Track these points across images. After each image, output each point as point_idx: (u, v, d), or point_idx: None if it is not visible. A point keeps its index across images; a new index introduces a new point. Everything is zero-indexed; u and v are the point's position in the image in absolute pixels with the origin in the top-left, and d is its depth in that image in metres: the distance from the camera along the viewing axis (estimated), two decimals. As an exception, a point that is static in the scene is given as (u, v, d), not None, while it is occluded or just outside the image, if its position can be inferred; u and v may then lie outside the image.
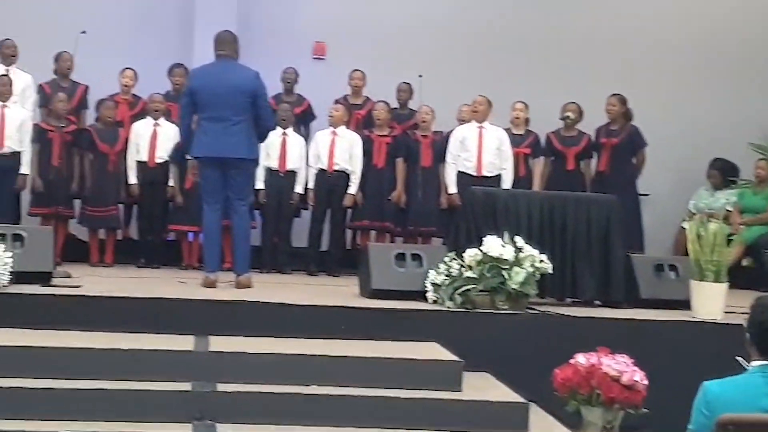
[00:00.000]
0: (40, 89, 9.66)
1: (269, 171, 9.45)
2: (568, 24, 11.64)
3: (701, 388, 3.45)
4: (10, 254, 6.50)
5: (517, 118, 9.92)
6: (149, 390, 5.22)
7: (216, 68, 7.57)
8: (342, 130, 9.64)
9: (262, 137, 7.79)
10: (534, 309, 6.83)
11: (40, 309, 6.16)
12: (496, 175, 9.35)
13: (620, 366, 5.26)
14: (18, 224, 8.39)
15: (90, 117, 9.86)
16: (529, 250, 6.76)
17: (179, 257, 9.54)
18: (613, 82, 10.48)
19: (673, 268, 7.58)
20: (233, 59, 7.62)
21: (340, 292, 7.57)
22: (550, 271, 6.85)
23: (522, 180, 9.65)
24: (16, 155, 8.93)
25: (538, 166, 10.01)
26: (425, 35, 11.34)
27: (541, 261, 6.77)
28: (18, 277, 6.54)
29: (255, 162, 7.92)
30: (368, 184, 9.70)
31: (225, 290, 7.28)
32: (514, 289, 6.59)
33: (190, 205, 9.02)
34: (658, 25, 11.72)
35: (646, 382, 5.32)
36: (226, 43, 7.59)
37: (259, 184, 9.36)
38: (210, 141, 7.39)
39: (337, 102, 9.96)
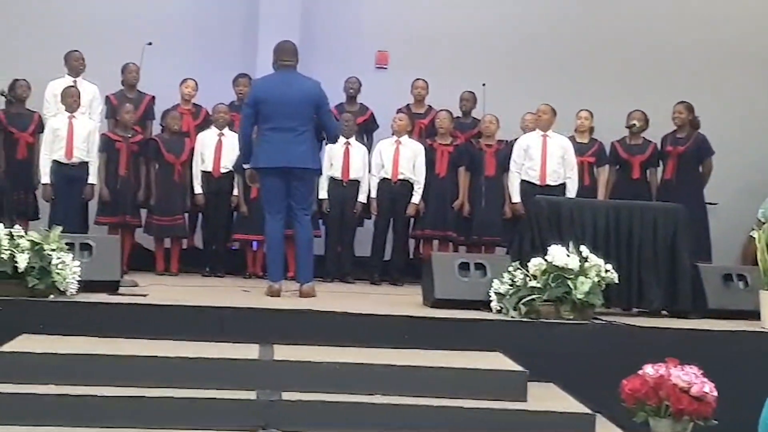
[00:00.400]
0: (107, 100, 9.79)
1: (332, 180, 9.49)
2: (633, 31, 11.55)
3: (766, 404, 3.41)
4: (78, 263, 6.57)
5: (582, 126, 9.85)
6: (215, 398, 5.25)
7: (280, 79, 7.58)
8: (405, 139, 9.65)
9: (331, 141, 7.95)
10: (600, 319, 6.76)
11: (107, 317, 6.21)
12: (561, 184, 9.30)
13: (689, 377, 5.18)
14: (86, 233, 8.50)
15: (156, 127, 9.97)
16: (594, 259, 6.68)
17: (243, 266, 9.60)
18: (680, 89, 10.38)
19: (741, 277, 7.46)
20: (295, 69, 7.65)
21: (403, 301, 7.56)
22: (616, 280, 6.77)
23: (586, 189, 9.58)
24: (84, 165, 9.06)
25: (603, 174, 9.92)
26: (488, 44, 11.34)
27: (607, 270, 6.70)
28: (86, 285, 6.61)
29: (318, 171, 7.96)
30: (430, 193, 9.69)
31: (289, 299, 7.30)
32: (579, 299, 6.52)
33: (255, 214, 9.07)
34: (725, 32, 11.60)
35: (715, 393, 5.23)
36: (291, 53, 7.61)
37: (323, 194, 9.40)
38: (275, 151, 7.41)
39: (399, 111, 9.96)
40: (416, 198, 9.56)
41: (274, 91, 7.48)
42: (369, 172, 9.60)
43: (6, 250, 6.29)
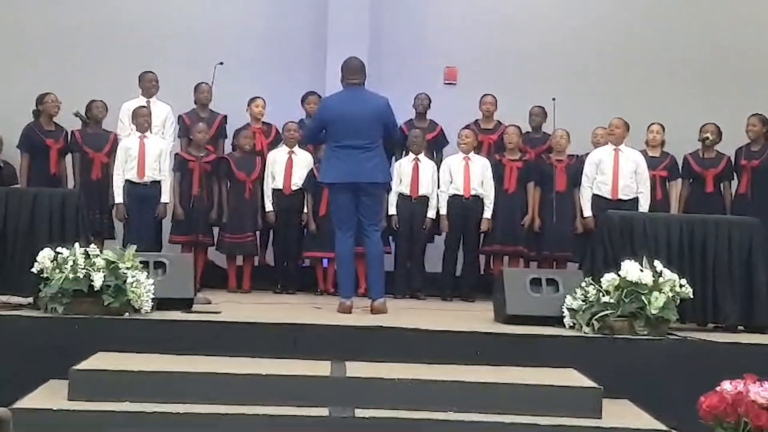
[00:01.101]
0: (180, 119, 9.91)
1: (401, 196, 9.48)
2: (705, 42, 11.41)
3: None
4: (152, 281, 6.65)
5: (654, 139, 9.74)
6: (288, 415, 5.28)
7: (347, 96, 7.62)
8: (472, 155, 9.63)
9: (393, 152, 8.10)
10: (674, 334, 6.67)
11: (181, 335, 6.28)
12: (633, 199, 9.20)
13: (768, 393, 5.08)
14: (159, 252, 8.60)
15: (228, 146, 10.07)
16: (668, 274, 6.61)
17: (315, 283, 9.64)
18: (754, 101, 10.20)
19: (819, 291, 7.32)
20: (362, 86, 7.69)
21: (474, 317, 7.52)
22: (691, 295, 6.69)
23: (659, 203, 9.47)
24: (156, 184, 9.16)
25: (675, 188, 9.81)
26: (558, 58, 11.29)
27: (682, 285, 6.62)
28: (160, 303, 6.69)
29: (387, 186, 8.01)
30: (500, 209, 9.63)
31: (361, 316, 7.32)
32: (653, 314, 6.45)
33: (325, 231, 9.09)
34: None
35: (795, 410, 5.12)
36: (357, 71, 7.66)
37: (392, 210, 9.41)
38: (345, 167, 7.47)
39: (467, 127, 9.92)
40: (488, 213, 9.52)
41: (342, 110, 7.54)
42: (438, 188, 9.58)
43: (82, 269, 6.40)
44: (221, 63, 10.11)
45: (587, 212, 9.33)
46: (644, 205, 9.18)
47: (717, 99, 10.86)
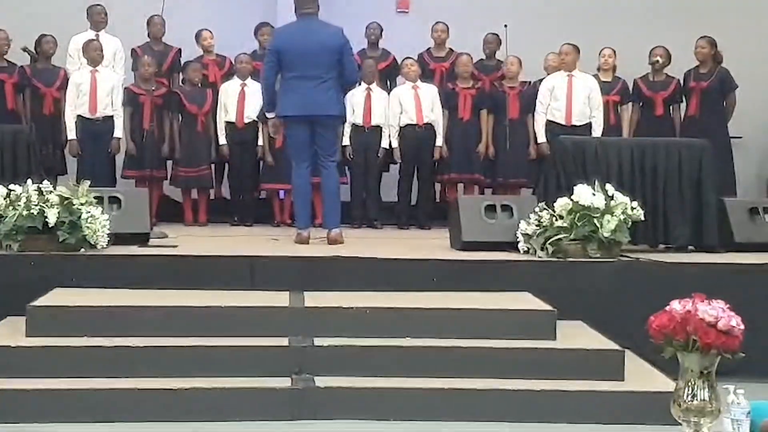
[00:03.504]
0: (133, 53, 9.79)
1: (354, 127, 9.48)
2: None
3: None
4: (107, 217, 6.62)
5: (606, 64, 9.78)
6: (248, 346, 5.33)
7: (302, 27, 7.58)
8: (420, 83, 9.63)
9: (346, 91, 7.91)
10: (626, 256, 6.78)
11: (138, 269, 6.29)
12: (586, 124, 9.27)
13: (716, 311, 5.14)
14: (114, 187, 8.56)
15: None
16: (620, 197, 6.70)
17: (271, 215, 9.64)
18: (702, 24, 10.25)
19: (767, 210, 7.45)
20: (316, 16, 7.64)
21: (431, 245, 7.59)
22: (642, 218, 6.79)
23: (612, 128, 9.54)
24: (108, 119, 9.08)
25: (627, 112, 9.88)
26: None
27: (633, 208, 6.71)
28: (116, 238, 6.68)
29: (342, 118, 7.98)
30: (454, 137, 9.68)
31: (318, 246, 7.36)
32: (605, 237, 6.55)
33: (281, 163, 9.08)
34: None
35: (742, 326, 5.23)
36: (311, 1, 7.60)
37: (346, 141, 9.41)
38: (300, 100, 7.43)
39: (407, 58, 9.86)
40: (440, 140, 9.55)
41: (296, 40, 7.49)
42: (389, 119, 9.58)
43: (35, 205, 6.36)
44: (169, -6, 9.99)
45: (541, 138, 9.39)
46: (597, 131, 9.26)
47: (666, 22, 10.88)
